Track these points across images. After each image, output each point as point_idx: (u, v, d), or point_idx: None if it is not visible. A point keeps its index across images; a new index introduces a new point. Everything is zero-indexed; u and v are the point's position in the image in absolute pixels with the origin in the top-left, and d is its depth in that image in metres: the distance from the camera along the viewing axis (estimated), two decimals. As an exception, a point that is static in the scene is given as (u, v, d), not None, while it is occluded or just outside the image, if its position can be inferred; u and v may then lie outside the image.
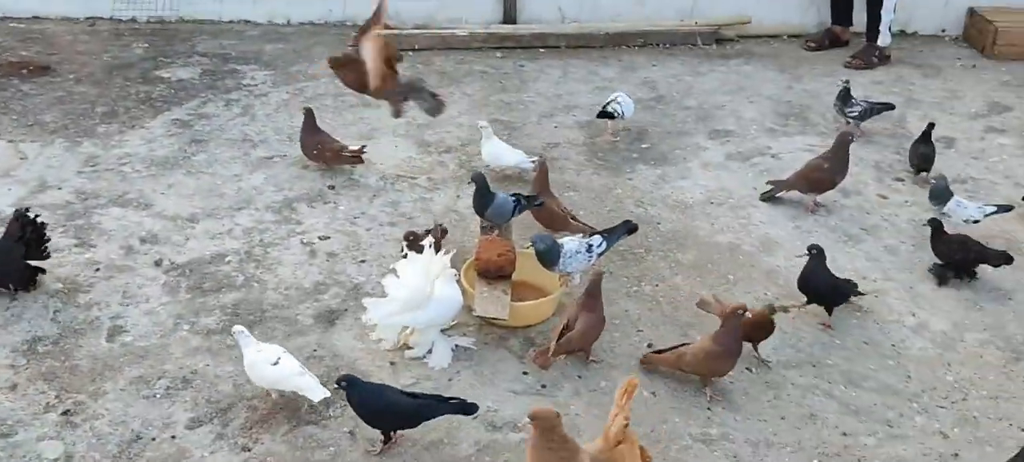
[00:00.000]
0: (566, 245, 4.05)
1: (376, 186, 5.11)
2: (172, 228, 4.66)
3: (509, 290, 4.03)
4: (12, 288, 4.06)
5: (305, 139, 5.19)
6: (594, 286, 3.76)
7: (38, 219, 4.12)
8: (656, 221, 4.90)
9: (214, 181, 5.12)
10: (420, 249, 3.88)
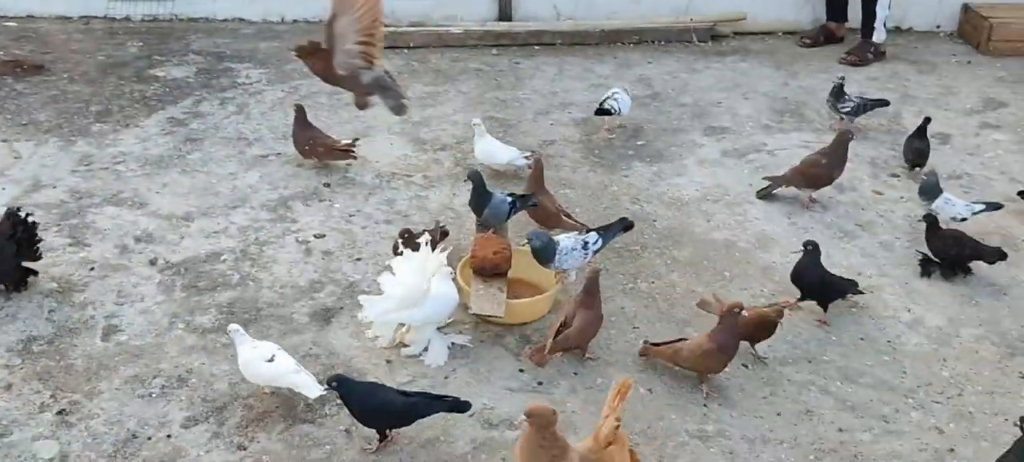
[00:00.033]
0: (562, 242, 4.04)
1: (371, 184, 5.11)
2: (167, 227, 4.65)
3: (505, 287, 4.02)
4: (4, 287, 4.05)
5: (297, 135, 5.20)
6: (592, 283, 3.75)
7: (29, 218, 4.11)
8: (652, 218, 4.90)
9: (209, 180, 5.11)
10: (416, 246, 3.87)
